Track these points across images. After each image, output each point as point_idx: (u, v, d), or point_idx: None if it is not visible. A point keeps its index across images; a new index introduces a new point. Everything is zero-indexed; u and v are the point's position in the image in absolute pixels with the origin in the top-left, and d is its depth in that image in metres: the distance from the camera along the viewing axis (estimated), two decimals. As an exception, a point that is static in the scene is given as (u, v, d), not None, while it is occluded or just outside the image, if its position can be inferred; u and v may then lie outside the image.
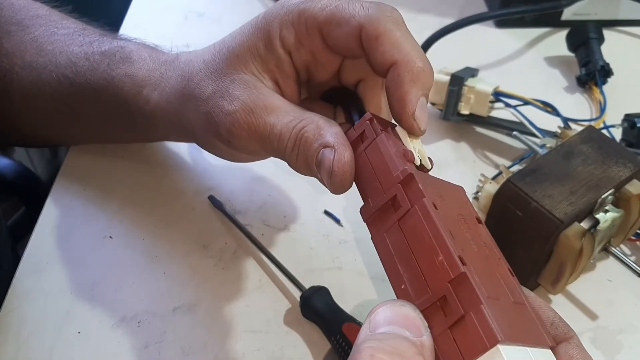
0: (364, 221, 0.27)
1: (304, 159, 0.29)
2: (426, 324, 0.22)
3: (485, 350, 0.20)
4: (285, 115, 0.30)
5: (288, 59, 0.31)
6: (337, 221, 0.42)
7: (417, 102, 0.27)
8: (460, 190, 0.27)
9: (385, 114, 0.33)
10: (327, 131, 0.28)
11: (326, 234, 0.41)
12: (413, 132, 0.28)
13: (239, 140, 0.31)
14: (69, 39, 0.41)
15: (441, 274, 0.22)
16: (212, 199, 0.43)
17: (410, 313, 0.22)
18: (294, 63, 0.32)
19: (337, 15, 0.29)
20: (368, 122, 0.28)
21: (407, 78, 0.27)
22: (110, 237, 0.41)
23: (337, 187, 0.28)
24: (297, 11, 0.30)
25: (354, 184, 0.28)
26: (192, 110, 0.33)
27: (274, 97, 0.31)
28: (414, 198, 0.25)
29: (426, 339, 0.21)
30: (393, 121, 0.29)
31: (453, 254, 0.22)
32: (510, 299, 0.23)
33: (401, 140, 0.28)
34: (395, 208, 0.25)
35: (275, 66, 0.31)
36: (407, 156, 0.27)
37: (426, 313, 0.22)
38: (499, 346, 0.20)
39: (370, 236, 0.26)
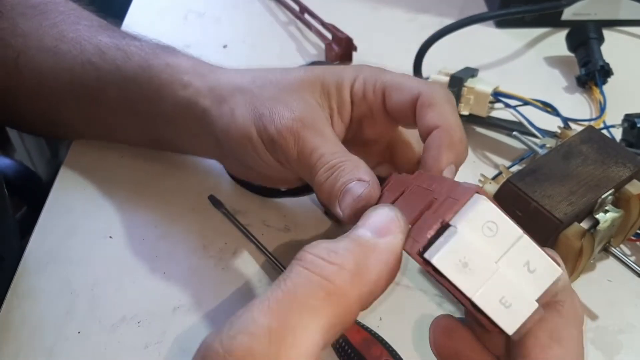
0: None
1: (332, 183, 0.31)
2: (401, 224, 0.22)
3: (464, 200, 0.20)
4: (333, 146, 0.32)
5: (349, 106, 0.35)
6: (338, 221, 0.42)
7: (447, 164, 0.30)
8: None
9: None
10: (365, 171, 0.31)
11: (326, 234, 0.41)
12: None
13: (284, 143, 0.33)
14: (95, 30, 0.42)
15: (433, 193, 0.23)
16: (212, 198, 0.43)
17: (379, 213, 0.23)
18: (352, 113, 0.35)
19: (403, 83, 0.34)
20: (394, 174, 0.32)
21: (446, 142, 0.31)
22: (111, 237, 0.41)
23: (356, 212, 0.29)
24: (371, 72, 0.35)
25: None
26: (243, 102, 0.35)
27: (329, 128, 0.34)
28: (419, 176, 0.27)
29: (384, 241, 0.22)
30: None
31: (445, 178, 0.24)
32: None
33: None
34: (401, 195, 0.27)
35: (336, 106, 0.35)
36: None
37: (416, 219, 0.23)
38: (477, 194, 0.20)
39: None
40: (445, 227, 0.20)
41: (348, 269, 0.21)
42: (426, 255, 0.20)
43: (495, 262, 0.20)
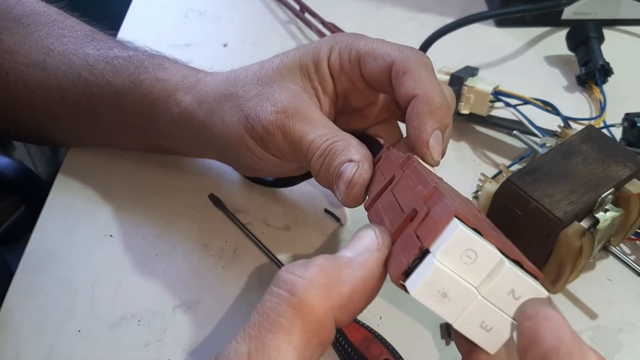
0: (365, 209, 0.28)
1: (326, 168, 0.31)
2: (379, 241, 0.22)
3: (442, 227, 0.20)
4: (321, 128, 0.32)
5: (331, 81, 0.35)
6: (338, 220, 0.42)
7: (432, 132, 0.30)
8: (468, 201, 0.28)
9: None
10: (356, 149, 0.31)
11: (326, 232, 0.41)
12: (426, 160, 0.30)
13: (272, 138, 0.33)
14: (80, 42, 0.41)
15: (416, 197, 0.23)
16: (212, 197, 0.43)
17: (362, 234, 0.23)
18: (335, 87, 0.35)
19: (376, 50, 0.33)
20: (385, 148, 0.31)
21: (425, 110, 0.30)
22: (111, 235, 0.41)
23: (351, 199, 0.30)
24: (346, 41, 0.34)
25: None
26: (230, 108, 0.35)
27: (315, 110, 0.33)
28: (407, 166, 0.26)
29: (360, 258, 0.22)
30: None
31: (429, 181, 0.23)
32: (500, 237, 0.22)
33: None
34: (390, 183, 0.27)
35: (319, 85, 0.35)
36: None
37: (398, 232, 0.23)
38: (456, 220, 0.20)
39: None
40: (424, 252, 0.20)
41: (317, 283, 0.21)
42: (406, 285, 0.21)
43: (475, 288, 0.20)
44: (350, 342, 0.33)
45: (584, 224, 0.34)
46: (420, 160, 0.29)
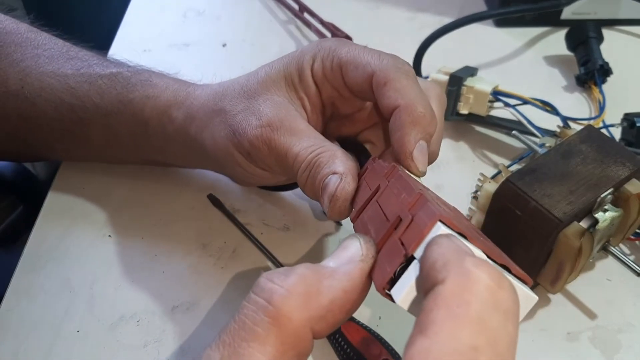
0: (351, 220, 0.28)
1: (312, 181, 0.31)
2: (364, 252, 0.22)
3: (426, 231, 0.19)
4: (307, 139, 0.32)
5: (316, 89, 0.34)
6: (337, 220, 0.42)
7: (416, 143, 0.29)
8: (457, 210, 0.27)
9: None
10: (340, 160, 0.30)
11: (326, 233, 0.41)
12: (411, 171, 0.29)
13: (258, 152, 0.33)
14: (56, 61, 0.40)
15: (401, 205, 0.22)
16: (211, 197, 0.43)
17: (347, 243, 0.23)
18: (320, 95, 0.35)
19: (357, 59, 0.32)
20: (371, 159, 0.31)
21: (408, 121, 0.29)
22: (109, 235, 0.41)
23: (335, 213, 0.29)
24: (328, 49, 0.33)
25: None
26: (218, 124, 0.34)
27: (301, 121, 0.33)
28: (392, 175, 0.26)
29: (343, 268, 0.22)
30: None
31: (414, 188, 0.23)
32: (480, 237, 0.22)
33: None
34: (375, 193, 0.26)
35: (305, 94, 0.34)
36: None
37: (383, 241, 0.22)
38: (440, 224, 0.19)
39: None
40: (410, 259, 0.20)
41: (296, 293, 0.20)
42: (391, 294, 0.20)
43: None
44: (349, 343, 0.33)
45: (583, 224, 0.34)
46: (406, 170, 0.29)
